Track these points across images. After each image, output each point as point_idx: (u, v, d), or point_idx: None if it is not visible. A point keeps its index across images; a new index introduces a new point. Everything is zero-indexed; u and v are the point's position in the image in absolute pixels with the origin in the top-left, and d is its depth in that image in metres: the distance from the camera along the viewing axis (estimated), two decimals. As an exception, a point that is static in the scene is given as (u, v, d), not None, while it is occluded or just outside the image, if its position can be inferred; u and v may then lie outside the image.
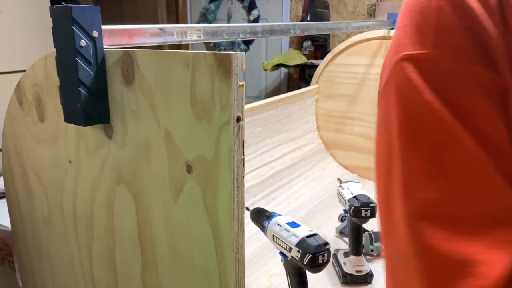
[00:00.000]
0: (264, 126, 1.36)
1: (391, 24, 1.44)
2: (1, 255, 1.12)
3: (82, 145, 0.59)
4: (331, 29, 1.15)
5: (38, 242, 0.75)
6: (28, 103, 0.65)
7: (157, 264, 0.56)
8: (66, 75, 0.52)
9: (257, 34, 0.85)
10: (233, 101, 0.42)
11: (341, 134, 1.58)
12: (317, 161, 1.56)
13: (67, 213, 0.66)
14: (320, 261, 0.67)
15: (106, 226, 0.60)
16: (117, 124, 0.54)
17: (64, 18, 0.48)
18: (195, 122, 0.46)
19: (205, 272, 0.50)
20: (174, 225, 0.52)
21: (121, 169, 0.55)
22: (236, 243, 0.47)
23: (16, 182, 0.74)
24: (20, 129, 0.69)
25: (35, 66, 0.62)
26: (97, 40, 0.51)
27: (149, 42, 0.60)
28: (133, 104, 0.51)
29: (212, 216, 0.47)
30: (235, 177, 0.45)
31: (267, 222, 0.77)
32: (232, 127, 0.43)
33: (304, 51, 3.49)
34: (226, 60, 0.41)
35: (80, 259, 0.67)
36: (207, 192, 0.47)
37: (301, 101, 1.53)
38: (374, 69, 1.47)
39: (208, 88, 0.44)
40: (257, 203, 1.23)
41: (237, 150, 0.44)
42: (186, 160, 0.48)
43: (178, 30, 0.64)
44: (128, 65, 0.50)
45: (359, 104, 1.51)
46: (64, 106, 0.54)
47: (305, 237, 0.69)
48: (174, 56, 0.46)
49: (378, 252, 1.04)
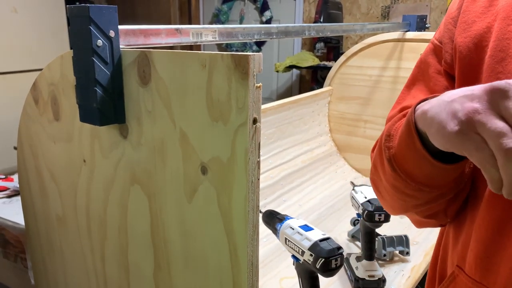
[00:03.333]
0: (276, 128, 1.36)
1: (406, 26, 1.43)
2: (14, 252, 1.13)
3: (96, 145, 0.60)
4: (346, 30, 1.15)
5: (51, 240, 0.75)
6: (44, 101, 0.66)
7: (170, 265, 0.55)
8: (83, 75, 0.52)
9: (272, 36, 0.84)
10: (250, 102, 0.42)
11: (353, 136, 1.57)
12: (329, 163, 1.55)
13: (81, 212, 0.66)
14: (333, 265, 0.66)
15: (120, 225, 0.60)
16: (133, 124, 0.54)
17: (81, 17, 0.49)
18: (211, 123, 0.46)
19: (218, 274, 0.50)
20: (187, 226, 0.52)
21: (136, 169, 0.55)
22: (251, 246, 0.46)
23: (31, 180, 0.75)
24: (35, 128, 0.69)
25: (52, 65, 0.62)
26: (114, 40, 0.51)
27: (164, 43, 0.59)
28: (149, 104, 0.51)
29: (226, 218, 0.47)
30: (250, 180, 0.44)
31: (279, 225, 0.77)
32: (249, 129, 0.43)
33: (316, 53, 3.48)
34: (244, 61, 0.41)
35: (93, 258, 0.67)
36: (221, 194, 0.47)
37: (313, 103, 1.52)
38: (388, 72, 1.45)
39: (225, 89, 0.43)
40: (268, 205, 1.23)
41: (253, 152, 0.44)
42: (201, 161, 0.48)
43: (194, 31, 0.64)
44: (144, 65, 0.50)
45: (372, 107, 1.50)
46: (80, 106, 0.54)
47: (318, 240, 0.68)
48: (191, 56, 0.45)
49: (390, 257, 1.03)
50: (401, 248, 1.03)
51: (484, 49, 0.51)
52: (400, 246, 1.03)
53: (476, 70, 0.51)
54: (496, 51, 0.49)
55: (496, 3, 0.52)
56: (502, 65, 0.48)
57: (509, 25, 0.49)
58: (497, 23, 0.50)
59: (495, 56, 0.49)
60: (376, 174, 0.61)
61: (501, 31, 0.49)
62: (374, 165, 0.62)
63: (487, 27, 0.51)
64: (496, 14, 0.51)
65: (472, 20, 0.53)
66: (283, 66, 3.36)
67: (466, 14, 0.54)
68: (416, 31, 1.44)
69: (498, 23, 0.50)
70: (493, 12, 0.52)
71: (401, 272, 0.98)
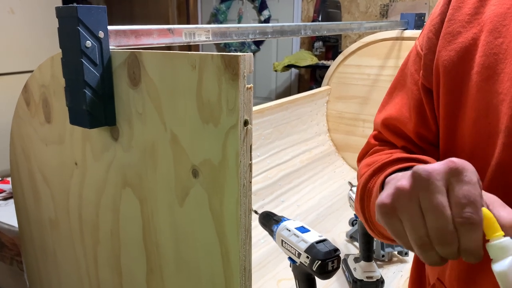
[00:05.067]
0: (274, 128, 1.35)
1: (404, 24, 1.42)
2: (10, 255, 1.12)
3: (88, 147, 0.59)
4: (343, 29, 1.14)
5: (44, 244, 0.74)
6: (35, 103, 0.65)
7: (162, 270, 0.55)
8: (72, 76, 0.51)
9: (267, 35, 0.83)
10: (241, 104, 0.41)
11: (352, 136, 1.56)
12: (328, 163, 1.54)
13: (73, 215, 0.65)
14: (329, 267, 0.65)
15: (112, 229, 0.60)
16: (123, 126, 0.53)
17: (70, 18, 0.48)
18: (202, 125, 0.45)
19: (210, 279, 0.49)
20: (179, 230, 0.51)
21: (127, 172, 0.54)
22: (243, 250, 0.45)
23: (23, 183, 0.74)
24: (27, 130, 0.68)
25: (42, 66, 0.61)
26: (103, 40, 0.50)
27: (156, 43, 0.58)
28: (139, 106, 0.50)
29: (218, 222, 0.46)
30: (242, 183, 0.43)
31: (275, 226, 0.76)
32: (240, 131, 0.42)
33: (315, 52, 3.47)
34: (234, 61, 0.40)
35: (86, 262, 0.66)
36: (213, 197, 0.46)
37: (311, 102, 1.51)
38: (387, 71, 1.44)
39: (215, 90, 0.42)
40: (266, 206, 1.22)
41: (245, 154, 0.43)
42: (192, 164, 0.47)
43: (187, 31, 0.63)
44: (134, 66, 0.49)
45: (370, 106, 1.49)
46: (69, 108, 0.53)
47: (314, 242, 0.67)
48: (181, 57, 0.44)
49: (389, 258, 1.02)
50: (399, 249, 1.02)
51: (470, 63, 0.48)
52: (399, 247, 1.02)
53: (462, 85, 0.49)
54: (483, 67, 0.46)
55: (483, 11, 0.49)
56: (489, 84, 0.46)
57: (496, 38, 0.46)
58: (484, 36, 0.47)
59: (482, 73, 0.46)
60: (358, 213, 0.62)
61: (488, 45, 0.46)
62: (356, 208, 0.62)
63: (472, 39, 0.48)
64: (483, 24, 0.48)
65: (457, 31, 0.50)
66: (282, 65, 3.35)
67: (451, 23, 0.51)
68: (415, 29, 1.43)
69: (485, 36, 0.47)
70: (479, 21, 0.49)
71: (399, 273, 0.98)
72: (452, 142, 0.52)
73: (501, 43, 0.45)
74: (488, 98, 0.46)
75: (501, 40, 0.45)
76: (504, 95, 0.44)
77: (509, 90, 0.44)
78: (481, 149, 0.47)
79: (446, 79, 0.50)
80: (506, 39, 0.45)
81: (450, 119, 0.51)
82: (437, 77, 0.52)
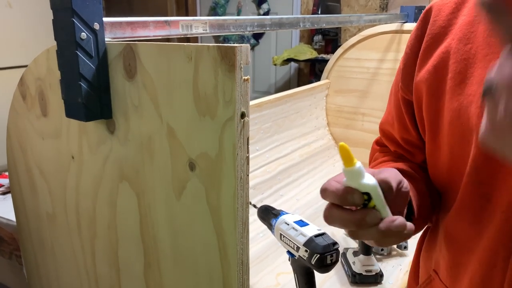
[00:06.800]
0: (273, 122, 1.34)
1: (404, 17, 1.41)
2: (9, 249, 1.12)
3: (84, 141, 0.58)
4: (342, 22, 1.13)
5: (42, 238, 0.74)
6: (31, 97, 0.64)
7: (159, 263, 0.54)
8: (67, 69, 0.50)
9: (266, 27, 0.83)
10: (237, 96, 0.40)
11: (351, 130, 1.56)
12: (327, 157, 1.54)
13: (70, 209, 0.65)
14: (328, 261, 0.65)
15: (109, 223, 0.59)
16: (120, 119, 0.52)
17: (64, 10, 0.47)
18: (198, 118, 0.44)
19: (208, 272, 0.49)
20: (177, 224, 0.50)
21: (124, 165, 0.54)
22: (240, 244, 0.45)
23: (21, 178, 0.73)
24: (23, 124, 0.68)
25: (38, 59, 0.60)
26: (99, 32, 0.49)
27: (153, 35, 0.58)
28: (135, 99, 0.50)
29: (215, 215, 0.46)
30: (239, 176, 0.43)
31: (274, 220, 0.75)
32: (236, 123, 0.41)
33: (314, 46, 3.45)
34: (230, 53, 0.39)
35: (83, 256, 0.66)
36: (210, 191, 0.46)
37: (311, 96, 1.51)
38: (386, 64, 1.43)
39: (212, 82, 0.42)
40: (265, 200, 1.21)
41: (241, 147, 0.42)
42: (189, 157, 0.46)
43: (184, 23, 0.62)
44: (130, 58, 0.49)
45: (370, 100, 1.48)
46: (65, 101, 0.53)
47: (313, 236, 0.67)
48: (177, 48, 0.44)
49: (388, 252, 1.02)
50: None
51: (445, 70, 0.52)
52: (398, 240, 1.02)
53: (440, 91, 0.53)
54: (456, 73, 0.50)
55: (456, 22, 0.52)
56: (461, 87, 0.49)
57: (465, 45, 0.50)
58: (455, 43, 0.51)
59: (455, 78, 0.50)
60: None
61: (459, 52, 0.50)
62: None
63: (446, 48, 0.52)
64: (454, 33, 0.52)
65: (434, 44, 0.54)
66: (281, 59, 3.34)
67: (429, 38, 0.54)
68: (414, 22, 1.42)
69: (456, 44, 0.51)
70: (452, 32, 0.52)
71: (398, 266, 0.97)
72: (434, 143, 0.55)
73: (470, 48, 0.49)
74: (460, 101, 0.49)
75: (470, 46, 0.49)
76: (473, 97, 0.47)
77: (477, 91, 0.47)
78: (458, 149, 0.50)
79: (427, 86, 0.54)
80: (474, 45, 0.49)
81: (431, 123, 0.55)
82: (417, 87, 0.56)
